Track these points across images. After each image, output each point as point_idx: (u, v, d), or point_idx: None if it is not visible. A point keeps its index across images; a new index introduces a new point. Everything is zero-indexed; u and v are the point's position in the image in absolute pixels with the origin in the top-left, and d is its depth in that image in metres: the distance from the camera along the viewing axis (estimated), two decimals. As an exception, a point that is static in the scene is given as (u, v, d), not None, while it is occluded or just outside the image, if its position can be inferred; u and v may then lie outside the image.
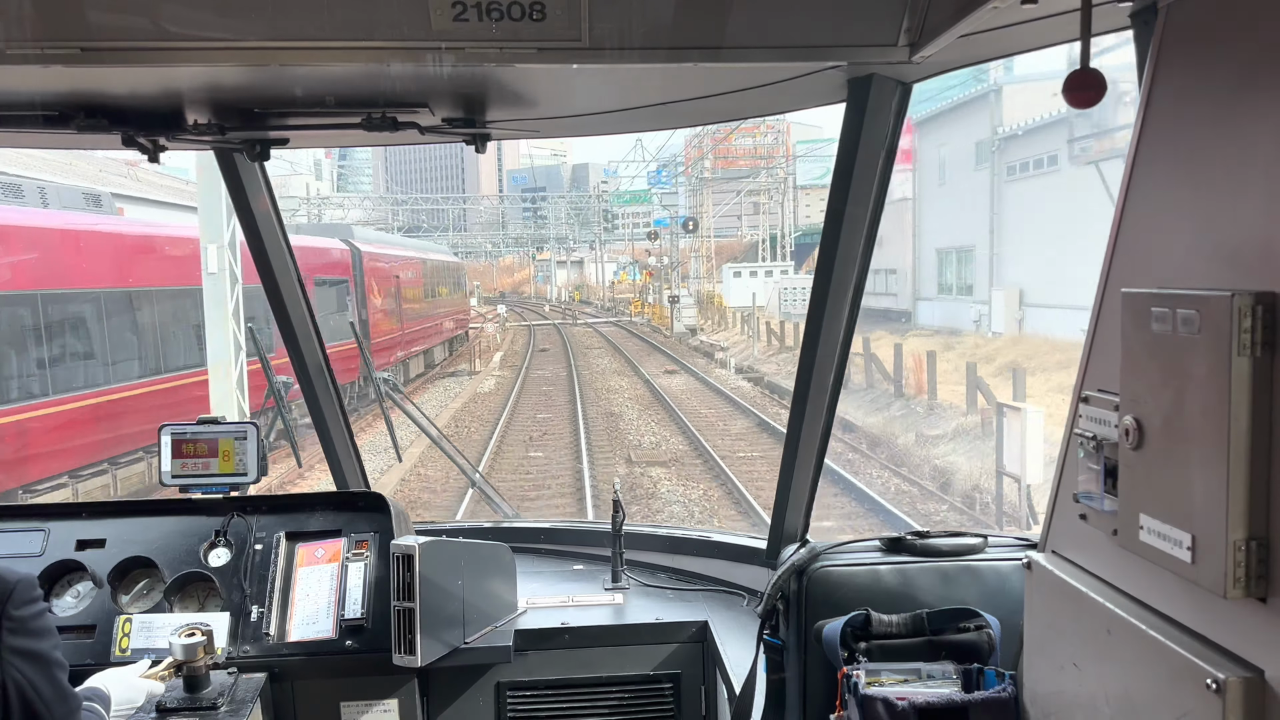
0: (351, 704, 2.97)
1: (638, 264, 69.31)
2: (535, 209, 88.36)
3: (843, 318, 2.73)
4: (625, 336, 46.07)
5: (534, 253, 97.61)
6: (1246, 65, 1.40)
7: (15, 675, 1.81)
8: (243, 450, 3.11)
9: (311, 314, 3.49)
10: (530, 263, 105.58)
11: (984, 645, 2.22)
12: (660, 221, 65.41)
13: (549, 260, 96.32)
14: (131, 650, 2.85)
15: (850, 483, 15.09)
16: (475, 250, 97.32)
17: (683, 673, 3.18)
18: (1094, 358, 1.74)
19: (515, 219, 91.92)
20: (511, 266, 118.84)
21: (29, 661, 1.83)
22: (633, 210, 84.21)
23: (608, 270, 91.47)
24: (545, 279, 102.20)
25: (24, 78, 2.21)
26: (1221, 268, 1.41)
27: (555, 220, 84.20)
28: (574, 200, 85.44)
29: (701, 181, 63.88)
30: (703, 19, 2.02)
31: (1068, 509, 1.80)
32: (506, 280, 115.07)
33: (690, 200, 65.75)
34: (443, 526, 3.97)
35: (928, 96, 37.64)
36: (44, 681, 1.86)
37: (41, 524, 3.08)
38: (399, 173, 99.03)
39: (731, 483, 15.28)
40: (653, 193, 53.13)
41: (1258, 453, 1.31)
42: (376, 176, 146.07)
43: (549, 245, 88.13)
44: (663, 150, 69.03)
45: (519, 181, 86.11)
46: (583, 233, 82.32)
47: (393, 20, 1.95)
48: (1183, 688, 1.43)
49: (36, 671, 1.85)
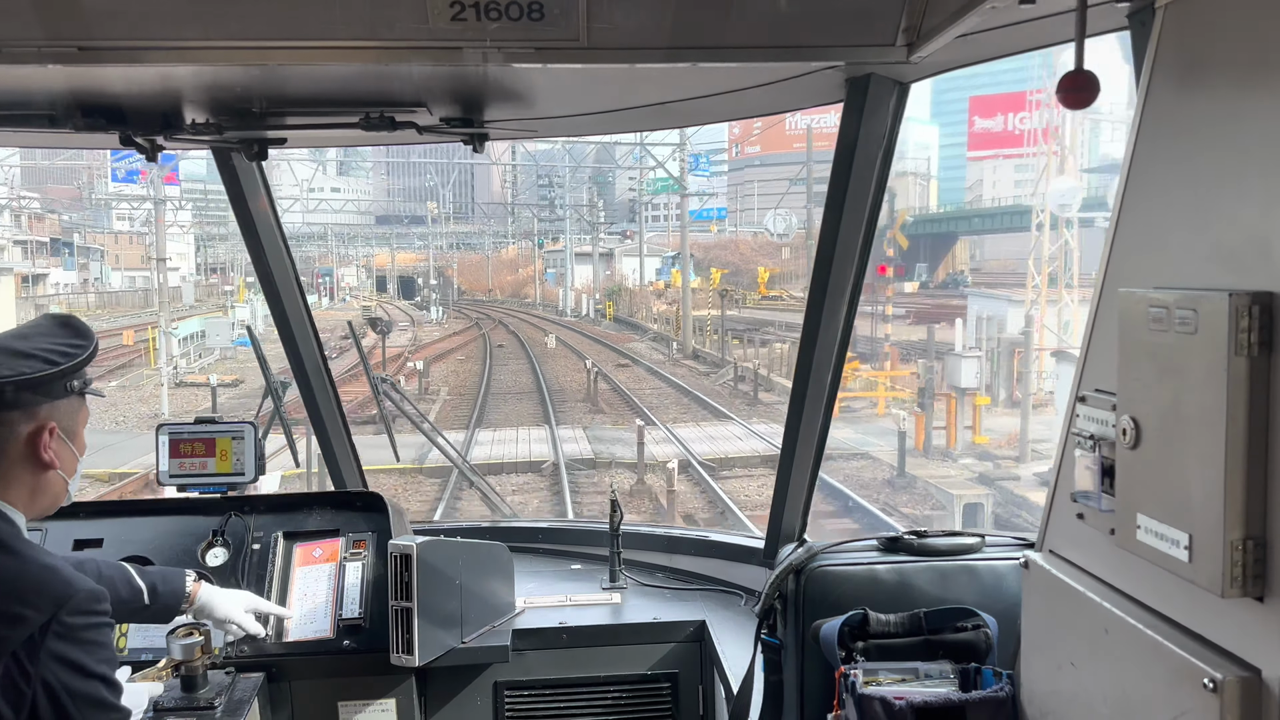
0: (349, 703, 2.97)
1: (673, 261, 54.75)
2: (549, 186, 71.03)
3: (840, 317, 2.73)
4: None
5: (542, 240, 75.35)
6: (1243, 66, 1.40)
7: (49, 678, 1.78)
8: (240, 450, 3.11)
9: (309, 313, 3.49)
10: (538, 256, 77.03)
11: (981, 645, 2.22)
12: (702, 213, 57.73)
13: (563, 252, 67.62)
14: (128, 650, 2.85)
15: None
16: (471, 244, 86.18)
17: (680, 672, 3.18)
18: (1091, 357, 1.75)
19: (530, 200, 73.80)
20: (514, 261, 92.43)
21: (67, 668, 1.79)
22: (660, 200, 69.29)
23: (648, 267, 61.20)
24: (558, 276, 71.18)
25: (22, 77, 2.20)
26: (1218, 268, 1.41)
27: (572, 204, 64.53)
28: (597, 175, 70.55)
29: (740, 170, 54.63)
30: (700, 19, 2.02)
31: (1065, 508, 1.81)
32: (506, 278, 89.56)
33: (733, 192, 58.74)
34: (441, 526, 3.97)
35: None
36: (81, 689, 1.82)
37: (39, 524, 3.08)
38: (400, 151, 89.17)
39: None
40: (688, 181, 45.10)
41: (1255, 452, 1.31)
42: (378, 160, 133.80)
43: (563, 232, 66.40)
44: (695, 134, 50.46)
45: (532, 165, 71.40)
46: (605, 215, 65.01)
47: (391, 20, 1.95)
48: (1180, 687, 1.43)
49: (74, 679, 1.81)
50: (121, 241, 77.44)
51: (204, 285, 68.01)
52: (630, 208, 54.93)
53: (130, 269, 75.79)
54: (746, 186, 79.80)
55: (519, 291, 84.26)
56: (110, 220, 71.89)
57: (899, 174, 66.52)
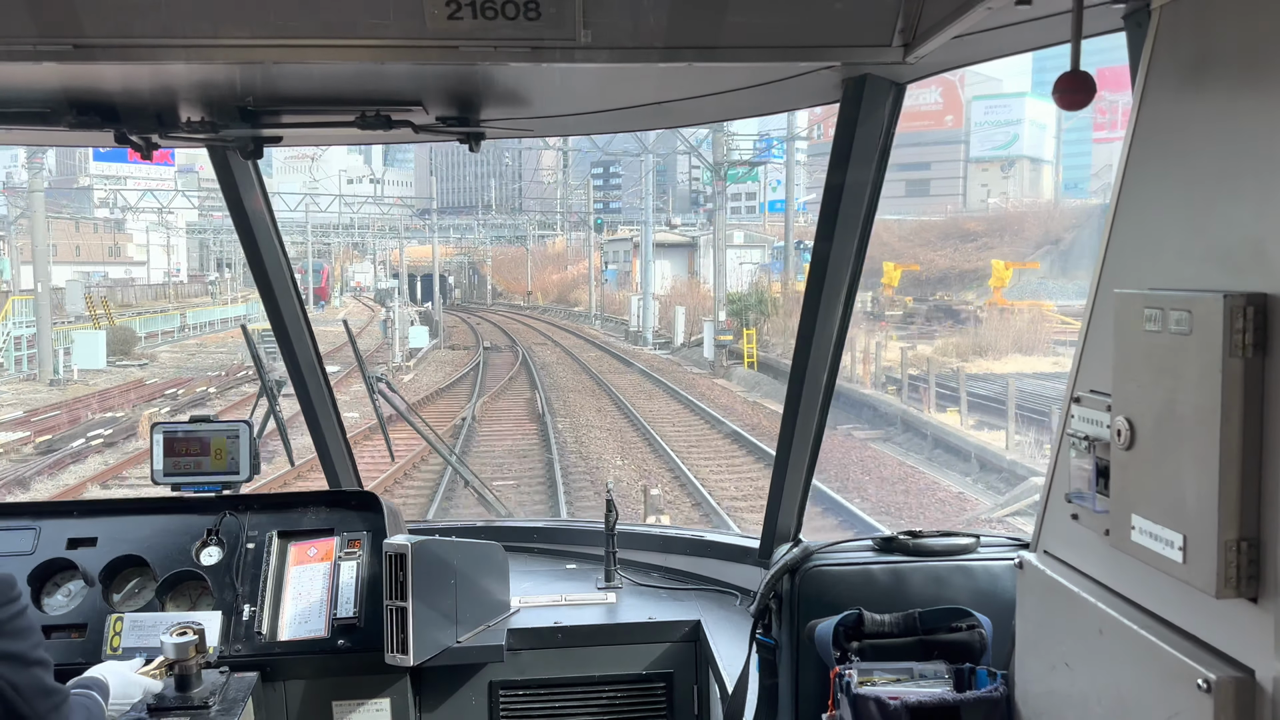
0: (344, 703, 2.96)
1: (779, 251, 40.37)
2: (604, 175, 54.49)
3: (836, 318, 2.73)
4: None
5: (601, 221, 55.21)
6: (1239, 67, 1.41)
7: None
8: (235, 449, 3.10)
9: (304, 312, 3.48)
10: (591, 248, 51.29)
11: (976, 645, 2.22)
12: (776, 204, 49.49)
13: (627, 242, 50.69)
14: (123, 649, 2.84)
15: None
16: (505, 235, 69.06)
17: (675, 672, 3.18)
18: (1086, 358, 1.75)
19: (581, 193, 60.96)
20: (561, 255, 72.68)
21: (8, 663, 1.82)
22: (732, 190, 53.77)
23: (735, 259, 43.13)
24: (620, 275, 53.69)
25: (16, 74, 2.20)
26: (1213, 269, 1.42)
27: (634, 196, 52.29)
28: (657, 165, 54.86)
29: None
30: (697, 19, 2.02)
31: (1060, 509, 1.81)
32: (550, 277, 68.79)
33: (815, 181, 47.97)
34: (435, 525, 3.97)
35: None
36: (25, 681, 1.85)
37: (32, 522, 3.07)
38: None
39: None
40: (758, 169, 38.22)
41: (1249, 453, 1.31)
42: (420, 151, 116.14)
43: (626, 222, 51.69)
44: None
45: (585, 155, 61.14)
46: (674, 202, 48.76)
47: (387, 18, 1.95)
48: (1174, 687, 1.43)
49: (16, 672, 1.83)
50: (81, 231, 64.92)
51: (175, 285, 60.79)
52: (693, 199, 39.89)
53: (87, 263, 64.00)
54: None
55: (566, 295, 61.55)
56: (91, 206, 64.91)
57: (1009, 158, 56.01)
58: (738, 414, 21.00)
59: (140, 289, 60.16)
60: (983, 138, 52.35)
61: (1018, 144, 58.81)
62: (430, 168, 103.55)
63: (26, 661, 1.86)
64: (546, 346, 35.64)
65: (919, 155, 49.99)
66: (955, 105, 48.71)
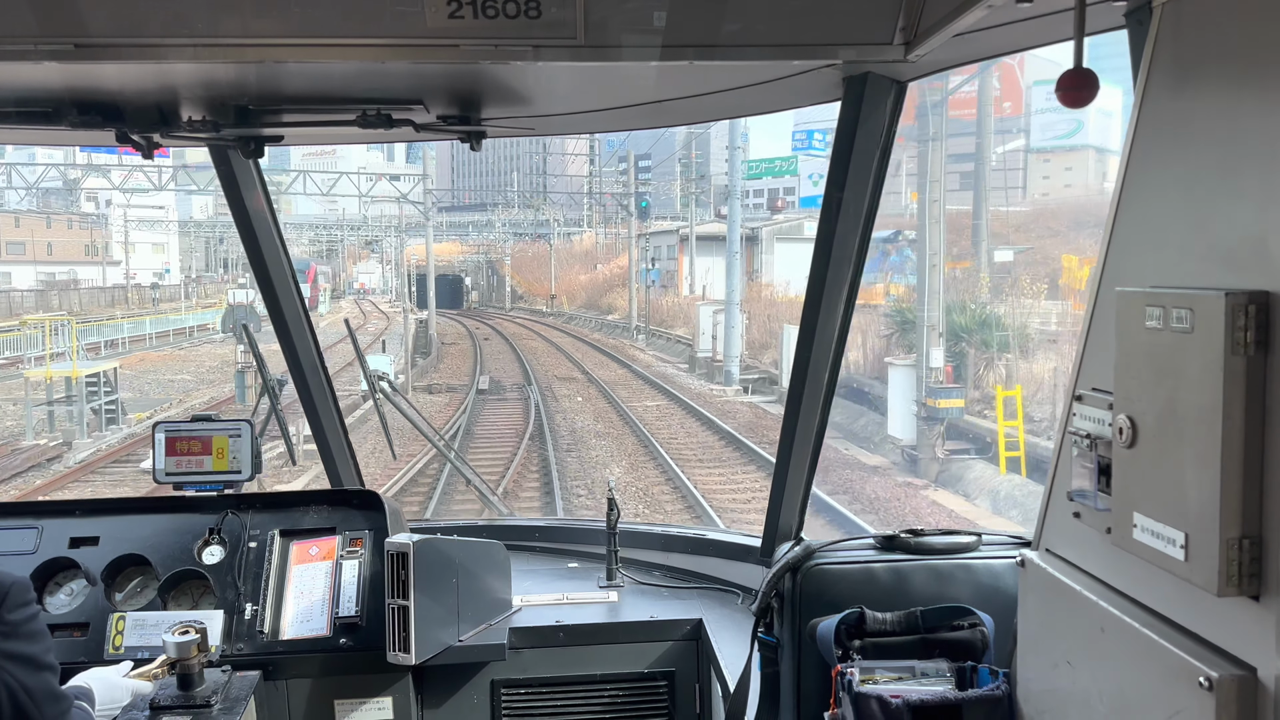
0: (346, 702, 2.96)
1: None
2: (635, 172, 48.22)
3: (838, 315, 2.73)
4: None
5: (646, 201, 45.01)
6: (1240, 65, 1.40)
7: (7, 679, 1.80)
8: (237, 448, 3.10)
9: (306, 310, 3.48)
10: (633, 240, 42.45)
11: (978, 643, 2.22)
12: (806, 200, 45.20)
13: (671, 235, 44.90)
14: (125, 648, 2.84)
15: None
16: (526, 231, 61.11)
17: (677, 670, 3.18)
18: (1088, 356, 1.75)
19: (611, 189, 54.11)
20: (590, 253, 62.56)
21: (21, 665, 1.82)
22: (755, 188, 51.85)
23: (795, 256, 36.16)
24: (665, 276, 45.83)
25: (17, 73, 2.20)
26: (1215, 267, 1.42)
27: (662, 196, 45.82)
28: (684, 158, 49.53)
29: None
30: (698, 17, 2.02)
31: (1062, 507, 1.81)
32: (578, 278, 57.96)
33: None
34: (437, 524, 3.97)
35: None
36: (36, 684, 1.85)
37: (35, 521, 3.08)
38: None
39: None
40: (796, 160, 33.57)
41: (1251, 451, 1.31)
42: (440, 146, 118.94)
43: (663, 215, 44.14)
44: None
45: (613, 148, 56.26)
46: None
47: (388, 17, 1.95)
48: (1176, 685, 1.43)
49: (29, 674, 1.84)
50: (53, 228, 62.26)
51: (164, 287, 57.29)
52: (725, 193, 32.06)
53: (65, 261, 62.71)
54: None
55: (598, 300, 50.73)
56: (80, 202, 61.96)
57: (1070, 149, 50.22)
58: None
59: (88, 293, 55.11)
60: (1044, 125, 46.86)
61: (1082, 133, 52.97)
62: (451, 165, 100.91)
63: (39, 665, 1.86)
64: (574, 384, 22.60)
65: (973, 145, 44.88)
66: (1015, 91, 42.94)
